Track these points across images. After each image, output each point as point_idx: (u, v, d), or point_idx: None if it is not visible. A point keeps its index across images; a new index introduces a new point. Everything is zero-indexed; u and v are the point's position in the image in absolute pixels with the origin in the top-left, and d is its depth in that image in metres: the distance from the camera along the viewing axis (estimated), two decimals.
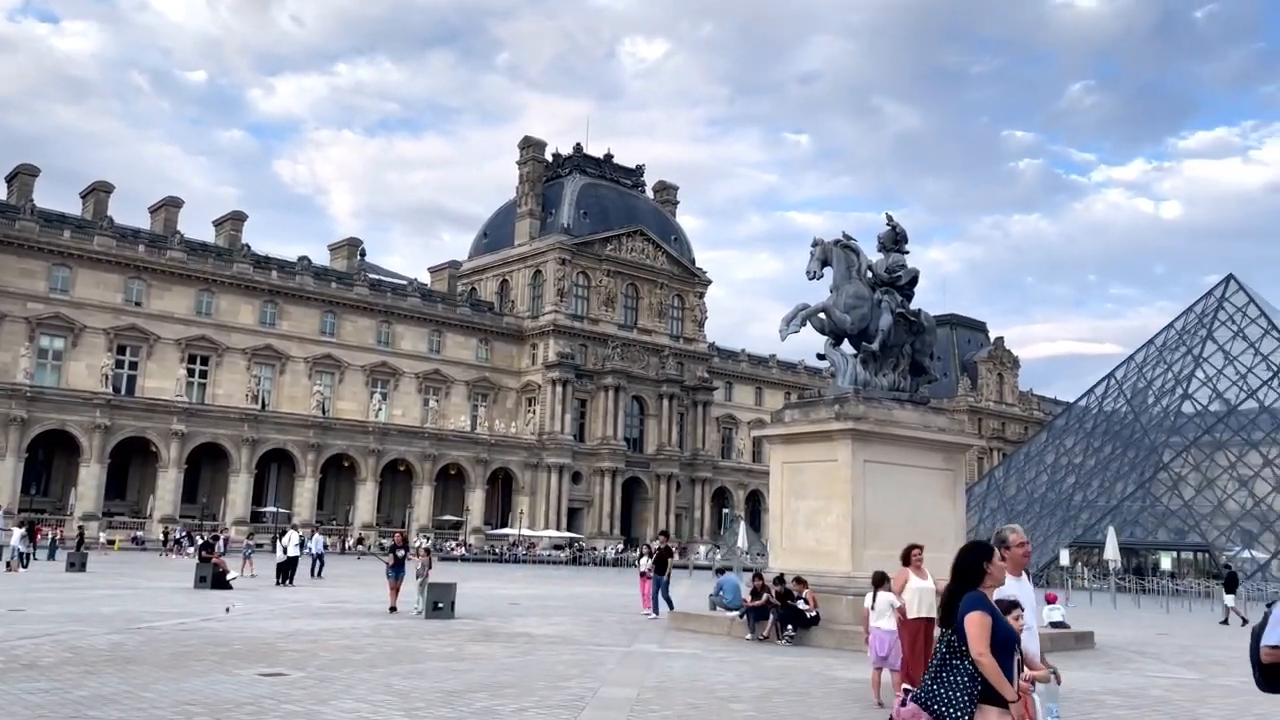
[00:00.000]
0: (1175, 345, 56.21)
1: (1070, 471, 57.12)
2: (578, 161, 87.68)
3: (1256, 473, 50.21)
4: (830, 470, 17.46)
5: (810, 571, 16.89)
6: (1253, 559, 47.62)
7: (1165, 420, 54.27)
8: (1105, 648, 17.88)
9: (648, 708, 9.78)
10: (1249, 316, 53.35)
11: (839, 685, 11.89)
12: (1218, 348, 53.58)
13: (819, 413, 18.11)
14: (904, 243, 19.62)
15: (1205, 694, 12.67)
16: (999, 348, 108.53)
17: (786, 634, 16.07)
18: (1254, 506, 49.45)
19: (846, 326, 18.42)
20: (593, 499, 77.78)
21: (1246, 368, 52.26)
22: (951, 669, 4.91)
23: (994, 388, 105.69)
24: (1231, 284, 55.20)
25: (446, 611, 18.75)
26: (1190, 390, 53.61)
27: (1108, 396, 58.28)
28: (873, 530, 16.70)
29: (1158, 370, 56.33)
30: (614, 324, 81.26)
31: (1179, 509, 50.95)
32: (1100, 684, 13.09)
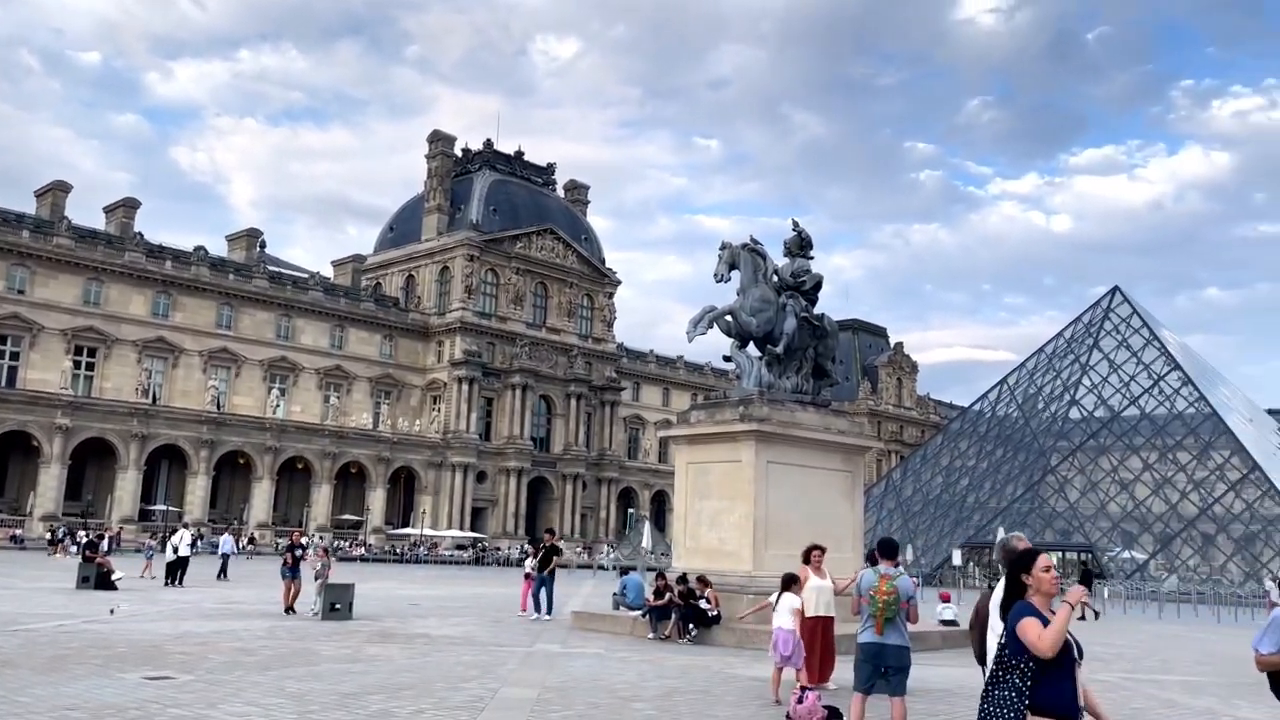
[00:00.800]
0: (1064, 353, 58.53)
1: (964, 474, 59.00)
2: (488, 158, 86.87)
3: (1136, 477, 52.65)
4: (734, 471, 17.67)
5: (713, 571, 17.06)
6: (1132, 559, 49.93)
7: (1053, 425, 56.49)
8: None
9: (548, 708, 9.74)
10: (1132, 327, 55.88)
11: (739, 683, 12.03)
12: (1103, 356, 55.99)
13: (724, 414, 18.31)
14: (809, 248, 19.97)
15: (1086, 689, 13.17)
16: (899, 353, 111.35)
17: (688, 633, 16.19)
18: (1134, 509, 51.84)
19: (752, 329, 18.66)
20: (497, 499, 77.15)
21: (1129, 376, 54.72)
22: (1000, 683, 4.59)
23: (893, 391, 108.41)
24: (1117, 296, 57.74)
25: (344, 612, 18.37)
26: (1077, 397, 55.93)
27: (1000, 402, 60.36)
28: (774, 530, 16.95)
29: (1047, 377, 58.58)
30: (522, 322, 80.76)
31: (1065, 511, 53.11)
32: None
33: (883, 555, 8.21)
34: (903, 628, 7.88)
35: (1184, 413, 51.75)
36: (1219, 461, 49.78)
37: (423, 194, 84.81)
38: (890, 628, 7.79)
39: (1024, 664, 4.53)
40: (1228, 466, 49.23)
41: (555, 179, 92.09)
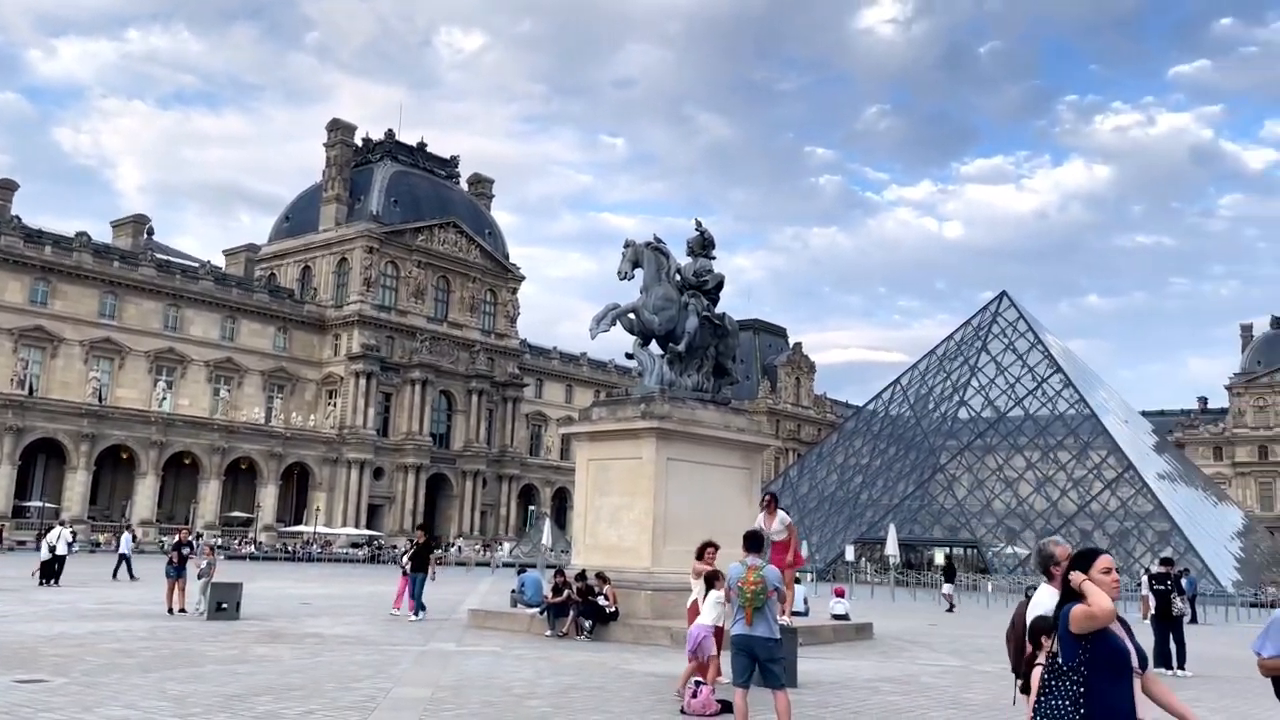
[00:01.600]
0: (954, 355, 60.44)
1: (858, 471, 60.45)
2: (389, 148, 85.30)
3: (1020, 475, 54.76)
4: (635, 468, 17.74)
5: (612, 567, 17.10)
6: (1014, 554, 51.91)
7: (943, 425, 58.33)
8: (883, 638, 19.00)
9: (442, 707, 9.62)
10: (1019, 331, 58.04)
11: (635, 679, 12.09)
12: (990, 359, 58.01)
13: (626, 411, 18.37)
14: (712, 248, 20.18)
15: (969, 679, 13.67)
16: (798, 353, 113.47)
17: (586, 630, 16.20)
18: (1017, 506, 53.91)
19: (655, 327, 18.76)
20: (395, 496, 75.86)
21: (1015, 378, 56.81)
22: (1053, 693, 4.24)
23: (792, 391, 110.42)
24: (1004, 300, 59.90)
25: (231, 612, 17.82)
26: (966, 397, 57.85)
27: (893, 401, 62.02)
28: (673, 527, 17.08)
29: (938, 378, 60.42)
30: (423, 316, 79.57)
31: (952, 507, 54.90)
32: (876, 672, 13.91)
33: (748, 548, 8.34)
34: (771, 619, 8.00)
35: (1065, 414, 53.97)
36: (1096, 461, 52.08)
37: (321, 183, 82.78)
38: (759, 618, 7.89)
39: (1078, 671, 4.19)
40: (1104, 465, 51.52)
41: (459, 172, 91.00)
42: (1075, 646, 4.23)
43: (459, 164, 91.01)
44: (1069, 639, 4.25)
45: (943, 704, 11.21)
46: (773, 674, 7.97)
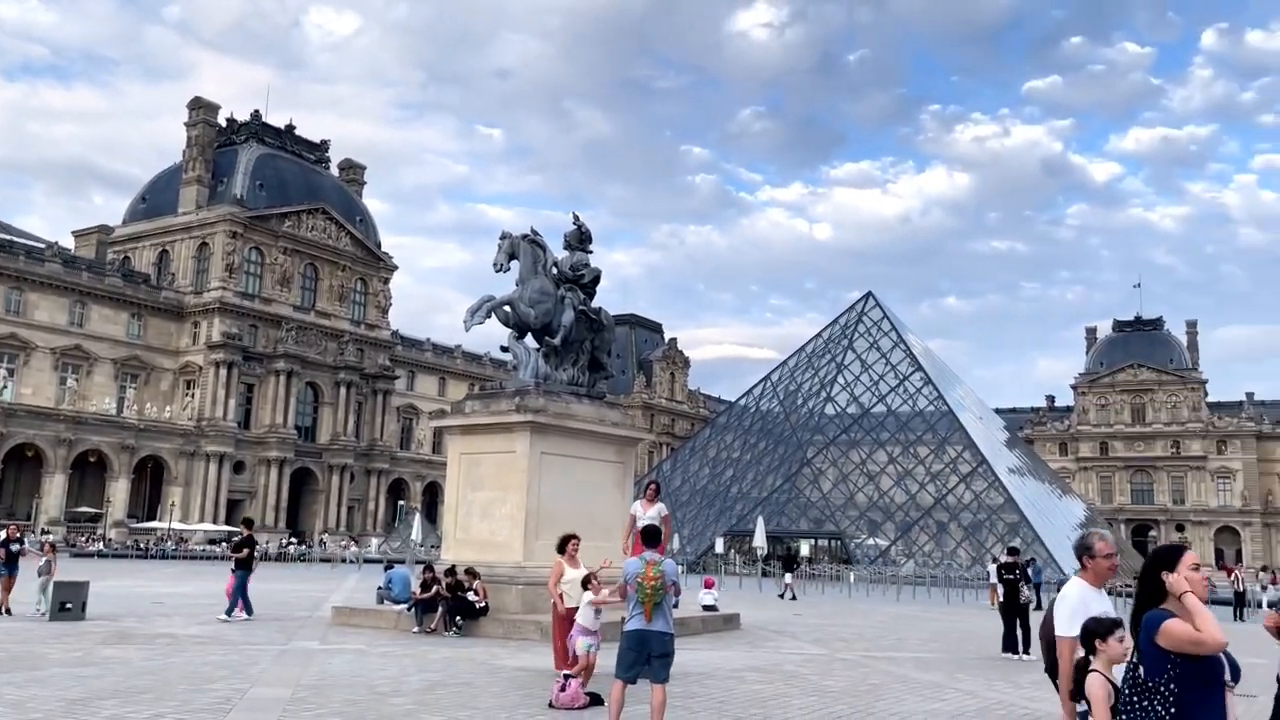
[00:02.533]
0: (822, 353, 62.19)
1: (729, 465, 61.57)
2: (256, 129, 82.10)
3: (882, 469, 56.79)
4: (508, 462, 17.60)
5: (483, 562, 16.93)
6: (875, 545, 53.81)
7: (810, 420, 59.95)
8: (749, 628, 19.40)
9: (302, 707, 9.33)
10: (883, 330, 60.12)
11: (504, 674, 12.01)
12: (856, 357, 59.93)
13: (500, 404, 18.20)
14: (589, 242, 20.17)
15: (831, 667, 14.09)
16: (673, 348, 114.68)
17: (455, 626, 15.99)
18: (879, 498, 55.90)
19: (530, 320, 18.64)
20: (257, 490, 73.21)
21: (879, 375, 58.85)
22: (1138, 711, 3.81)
23: (667, 386, 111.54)
24: (870, 300, 61.95)
25: (76, 612, 16.86)
26: (832, 394, 59.61)
27: (763, 397, 63.38)
28: (546, 521, 17.01)
29: (806, 375, 62.06)
30: (289, 305, 76.96)
31: (818, 500, 56.50)
32: (742, 662, 14.19)
33: (646, 543, 8.34)
34: (668, 615, 8.05)
35: (924, 410, 56.22)
36: (953, 456, 54.43)
37: (181, 164, 79.05)
38: (657, 614, 7.89)
39: (1167, 687, 3.74)
40: (960, 460, 53.91)
41: (329, 157, 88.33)
42: (1164, 660, 3.78)
43: (329, 149, 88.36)
44: (1156, 652, 3.80)
45: (805, 691, 11.52)
46: (662, 667, 7.98)
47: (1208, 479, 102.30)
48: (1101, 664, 4.57)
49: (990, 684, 12.93)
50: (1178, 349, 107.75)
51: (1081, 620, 4.82)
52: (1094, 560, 5.17)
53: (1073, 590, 5.12)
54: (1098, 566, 5.18)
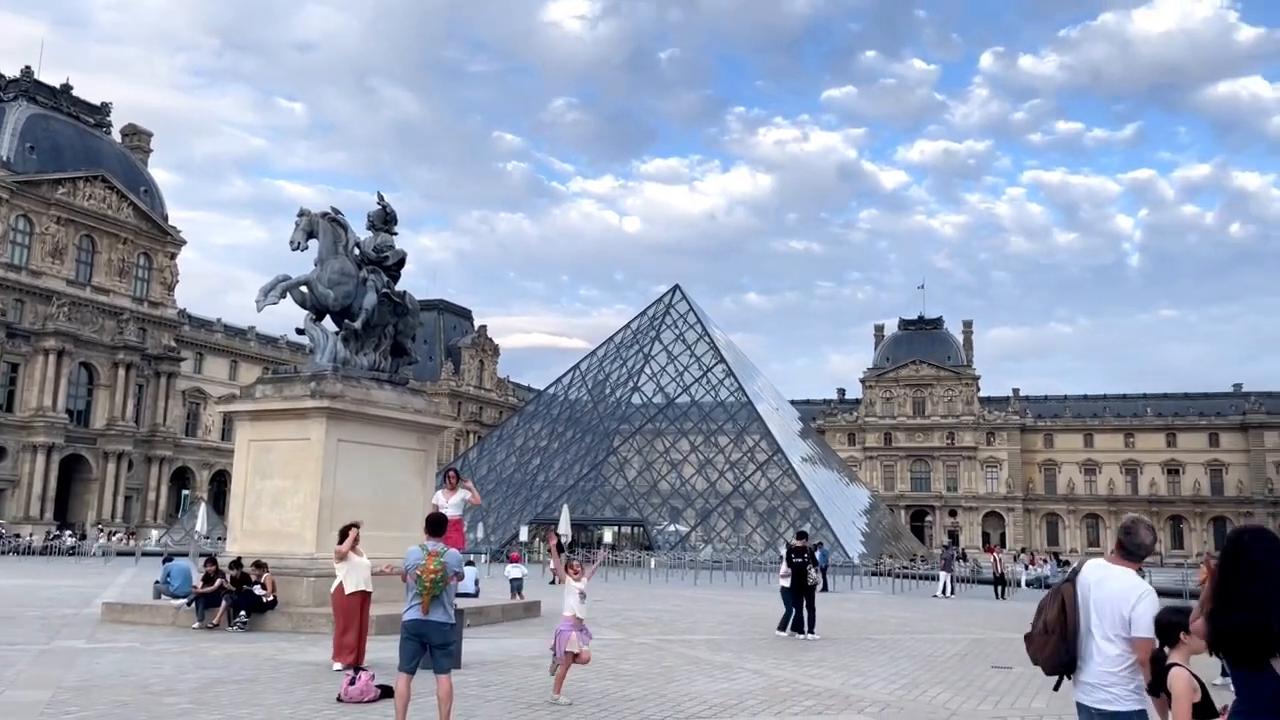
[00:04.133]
0: (630, 344, 63.17)
1: (536, 454, 61.57)
2: (26, 87, 75.01)
3: (684, 458, 58.33)
4: (302, 449, 16.91)
5: (272, 554, 16.22)
6: (677, 531, 55.23)
7: (618, 409, 60.81)
8: (551, 615, 19.46)
9: (63, 710, 8.66)
10: (689, 323, 61.70)
11: (290, 669, 11.56)
12: (663, 348, 61.24)
13: (294, 389, 17.46)
14: (394, 224, 19.64)
15: (627, 651, 14.36)
16: (482, 335, 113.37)
17: (239, 620, 15.25)
18: (681, 486, 57.42)
19: (329, 302, 17.97)
20: (20, 478, 67.13)
21: (684, 367, 60.37)
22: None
23: (475, 373, 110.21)
24: (677, 294, 63.42)
25: None
26: (639, 384, 60.67)
27: (572, 386, 63.75)
28: (342, 510, 16.42)
29: (614, 365, 62.87)
30: (62, 279, 70.89)
31: (623, 488, 57.40)
32: (540, 649, 14.20)
33: (430, 532, 8.18)
34: (448, 605, 7.94)
35: (726, 401, 58.15)
36: (750, 445, 56.56)
37: None
38: (436, 605, 7.76)
39: None
40: (757, 449, 56.09)
41: (111, 121, 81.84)
42: None
43: (111, 112, 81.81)
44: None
45: (601, 676, 11.70)
46: (442, 659, 7.86)
47: (978, 468, 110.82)
48: (1182, 656, 4.44)
49: (778, 664, 13.53)
50: (955, 347, 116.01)
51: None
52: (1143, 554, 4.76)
53: (1146, 584, 4.66)
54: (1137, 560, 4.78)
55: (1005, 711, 10.24)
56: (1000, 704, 10.68)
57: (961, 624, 22.05)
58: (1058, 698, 11.14)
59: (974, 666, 13.97)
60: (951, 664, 14.23)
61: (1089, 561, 4.85)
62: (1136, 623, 4.52)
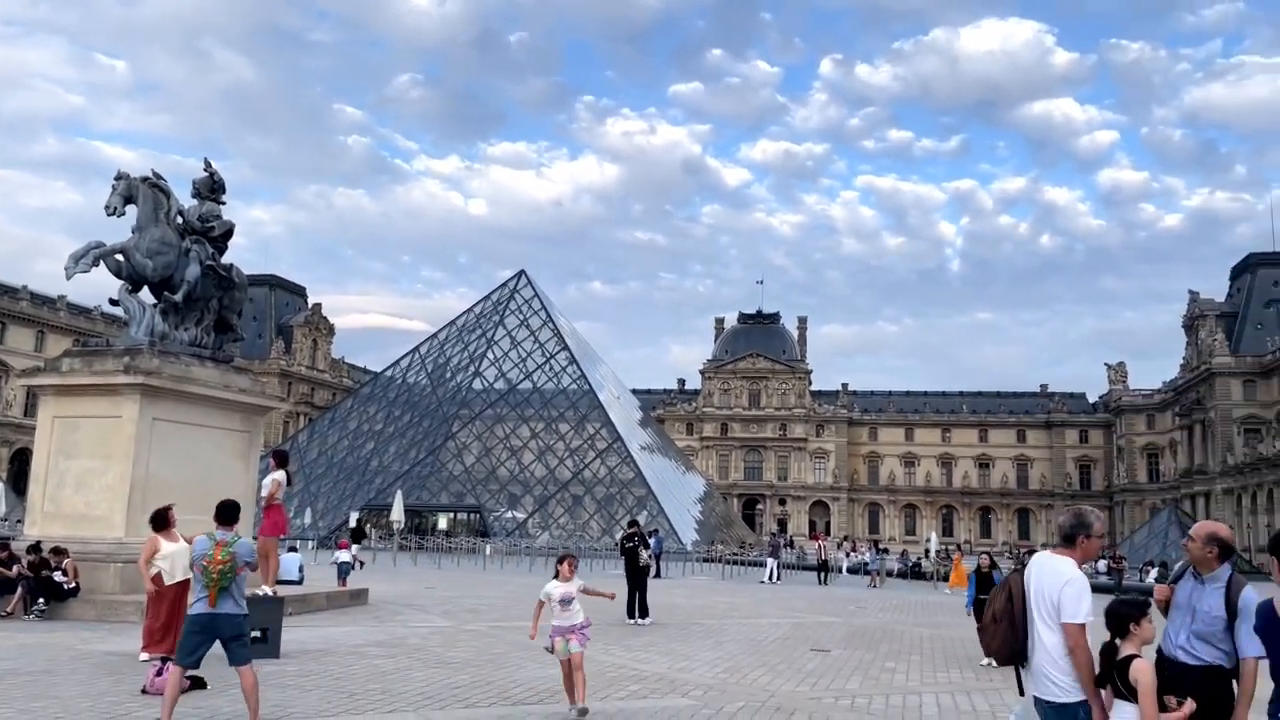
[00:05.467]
0: (473, 328, 62.30)
1: (370, 438, 59.97)
2: None
3: (524, 444, 58.07)
4: (112, 428, 15.88)
5: (76, 538, 15.19)
6: (513, 518, 54.98)
7: (458, 394, 59.90)
8: (378, 603, 19.07)
9: None
10: (533, 309, 61.35)
11: (92, 659, 10.88)
12: (506, 333, 60.68)
13: (104, 364, 16.36)
14: (221, 192, 18.65)
15: (457, 639, 14.22)
16: (316, 314, 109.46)
17: (36, 608, 14.23)
18: (520, 473, 57.14)
19: (148, 272, 16.91)
20: None
21: (527, 353, 60.00)
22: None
23: (308, 353, 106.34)
24: (522, 279, 62.94)
25: None
26: (481, 369, 59.92)
27: (411, 369, 62.41)
28: (156, 494, 15.52)
29: (456, 349, 61.88)
30: None
31: (461, 474, 56.64)
32: (366, 637, 13.92)
33: (221, 520, 7.79)
34: (238, 596, 7.58)
35: (568, 388, 58.16)
36: (591, 432, 56.83)
37: None
38: (224, 597, 7.41)
39: None
40: (597, 437, 56.41)
41: None
42: None
43: None
44: None
45: (428, 664, 11.54)
46: (239, 651, 7.51)
47: (807, 458, 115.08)
48: (1135, 647, 4.53)
49: (607, 649, 13.67)
50: (790, 342, 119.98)
51: (1088, 605, 4.63)
52: (1089, 540, 4.85)
53: (1078, 571, 4.73)
54: (1090, 547, 4.87)
55: (821, 693, 10.69)
56: (817, 685, 11.14)
57: (785, 609, 22.87)
58: (870, 680, 11.73)
59: (794, 650, 14.52)
60: (773, 647, 14.74)
61: (1036, 554, 4.98)
62: (1064, 608, 4.58)
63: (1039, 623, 4.69)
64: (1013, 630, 4.82)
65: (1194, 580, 5.00)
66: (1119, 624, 4.60)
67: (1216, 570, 4.94)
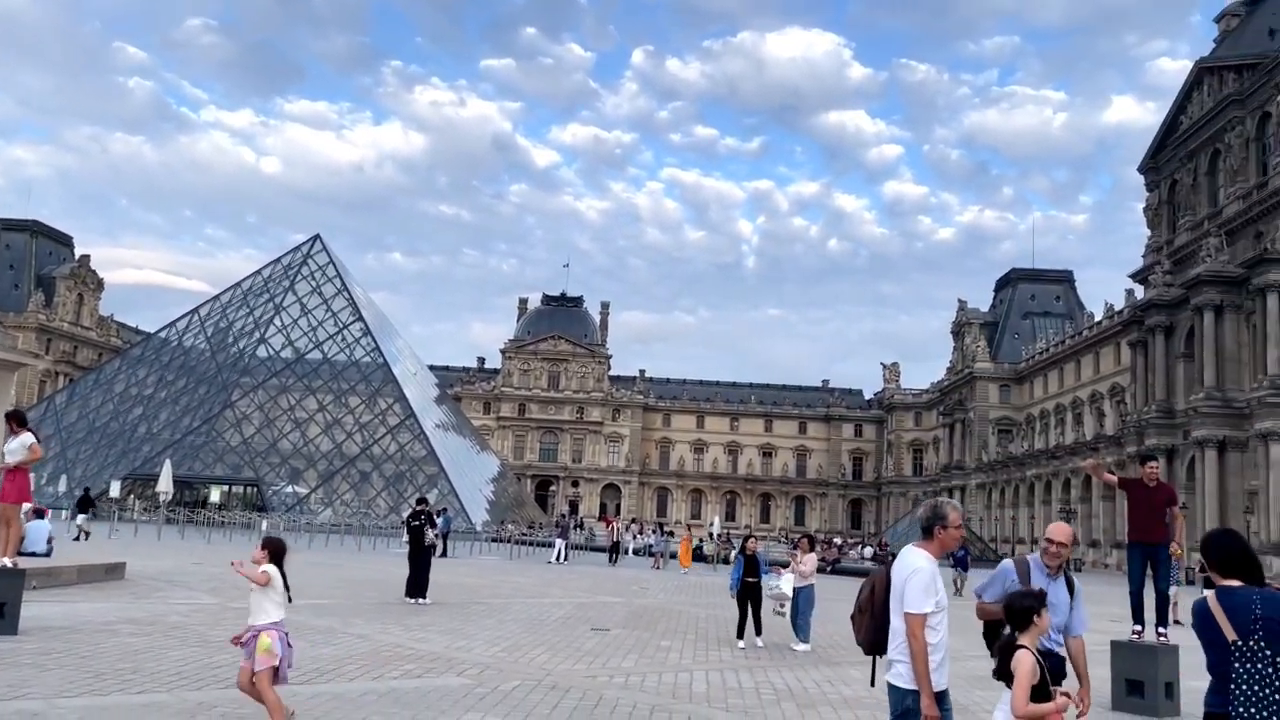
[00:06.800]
0: (260, 292, 59.12)
1: (139, 403, 55.93)
2: None
3: (311, 416, 55.68)
4: None
5: None
6: (294, 493, 52.74)
7: (240, 361, 56.72)
8: (137, 578, 17.85)
9: None
10: (327, 275, 58.87)
11: None
12: (297, 300, 57.92)
13: None
14: None
15: (221, 617, 13.48)
16: (84, 266, 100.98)
17: None
18: (304, 446, 54.76)
19: None
20: None
21: (318, 321, 57.50)
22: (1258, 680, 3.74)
23: (72, 308, 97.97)
24: (317, 244, 60.26)
25: None
26: (267, 335, 56.95)
27: (189, 332, 58.62)
28: None
29: (241, 313, 58.56)
30: None
31: (239, 445, 53.70)
32: (120, 613, 12.98)
33: None
34: None
35: (361, 361, 56.20)
36: (383, 407, 55.18)
37: None
38: None
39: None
40: (389, 413, 54.85)
41: None
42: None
43: None
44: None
45: (188, 642, 10.89)
46: None
47: (602, 442, 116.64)
48: (1031, 639, 4.59)
49: (385, 628, 13.35)
50: (592, 326, 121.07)
51: (934, 596, 4.66)
52: (945, 531, 4.86)
53: (925, 562, 4.75)
54: (948, 537, 4.88)
55: (597, 671, 10.85)
56: (594, 664, 11.30)
57: (570, 589, 23.10)
58: (645, 658, 12.02)
59: (575, 629, 14.68)
60: (555, 627, 14.85)
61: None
62: (906, 597, 4.66)
63: (893, 612, 4.80)
64: (873, 622, 4.96)
65: (1048, 579, 5.55)
66: (1022, 617, 4.72)
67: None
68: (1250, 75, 55.51)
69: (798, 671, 11.72)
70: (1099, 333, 73.46)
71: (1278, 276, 49.03)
